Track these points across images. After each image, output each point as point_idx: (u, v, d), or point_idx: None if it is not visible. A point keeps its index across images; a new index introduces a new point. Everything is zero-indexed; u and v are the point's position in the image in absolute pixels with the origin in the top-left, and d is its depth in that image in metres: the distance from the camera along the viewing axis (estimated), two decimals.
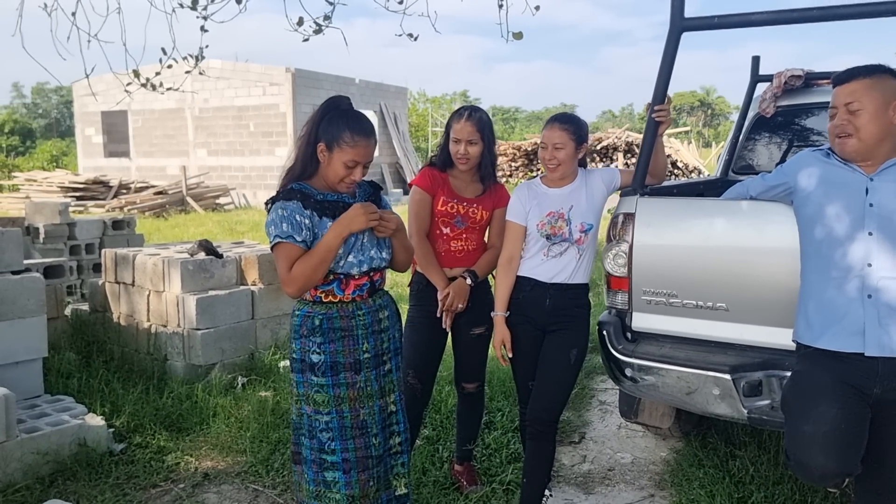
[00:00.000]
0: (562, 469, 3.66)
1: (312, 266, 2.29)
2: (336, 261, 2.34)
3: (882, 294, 2.19)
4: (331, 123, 2.35)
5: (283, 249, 2.30)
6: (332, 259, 2.32)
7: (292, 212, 2.31)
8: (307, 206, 2.33)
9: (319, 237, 2.33)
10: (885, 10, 2.48)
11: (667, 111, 2.92)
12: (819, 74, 4.50)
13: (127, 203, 16.97)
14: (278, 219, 2.30)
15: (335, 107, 2.39)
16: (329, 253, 2.30)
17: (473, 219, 3.09)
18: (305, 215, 2.32)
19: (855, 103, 2.27)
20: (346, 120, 2.35)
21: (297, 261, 2.29)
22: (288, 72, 19.73)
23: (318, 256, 2.29)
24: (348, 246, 2.37)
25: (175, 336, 4.73)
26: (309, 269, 2.28)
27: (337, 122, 2.34)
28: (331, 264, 2.33)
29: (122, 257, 5.13)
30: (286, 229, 2.29)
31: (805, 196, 2.41)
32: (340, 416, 2.39)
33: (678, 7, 2.75)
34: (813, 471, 2.19)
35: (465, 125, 2.99)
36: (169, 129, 21.75)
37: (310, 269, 2.28)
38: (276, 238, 2.31)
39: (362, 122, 2.37)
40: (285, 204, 2.32)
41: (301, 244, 2.30)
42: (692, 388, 2.86)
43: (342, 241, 2.31)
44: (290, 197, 2.34)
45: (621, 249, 2.99)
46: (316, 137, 2.38)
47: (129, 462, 3.62)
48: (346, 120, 2.35)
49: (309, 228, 2.32)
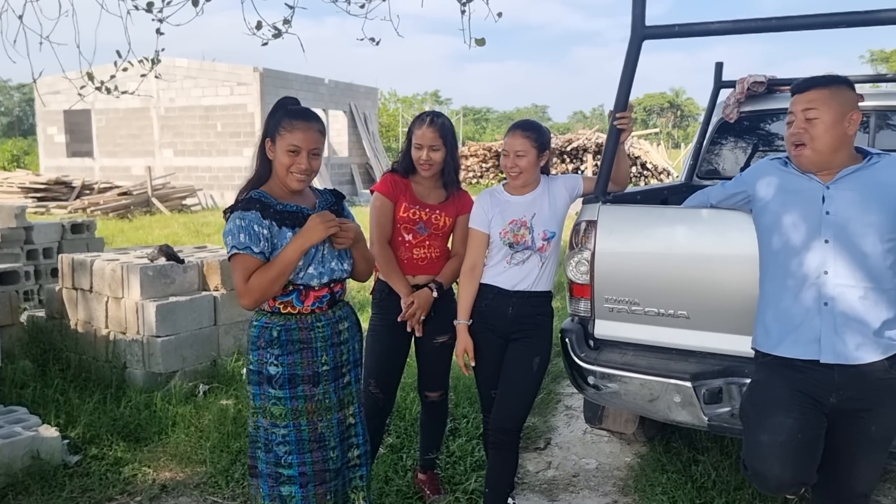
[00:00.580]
0: (526, 476, 3.65)
1: (270, 279, 2.24)
2: (296, 272, 2.30)
3: (838, 302, 2.21)
4: (272, 118, 2.36)
5: (240, 261, 2.26)
6: (291, 272, 2.28)
7: (250, 222, 2.26)
8: (266, 216, 2.29)
9: (279, 248, 2.28)
10: (841, 21, 2.51)
11: (628, 118, 2.91)
12: (781, 81, 4.55)
13: (90, 204, 16.65)
14: (236, 229, 2.26)
15: (278, 107, 2.39)
16: (288, 266, 2.26)
17: (436, 225, 3.06)
18: (264, 225, 2.27)
19: (812, 111, 2.29)
20: (284, 111, 2.37)
21: (255, 273, 2.25)
22: (256, 71, 19.53)
23: (276, 269, 2.25)
24: (308, 257, 2.32)
25: (134, 343, 4.63)
26: (266, 281, 2.24)
27: (276, 115, 2.36)
28: (289, 277, 2.28)
29: (80, 263, 5.00)
30: (243, 240, 2.24)
31: (763, 205, 2.43)
32: (298, 429, 2.35)
33: (639, 15, 2.75)
34: (769, 481, 2.20)
35: (427, 131, 2.96)
36: (134, 128, 21.40)
37: (267, 281, 2.24)
38: (233, 249, 2.26)
39: (301, 110, 2.39)
40: (244, 214, 2.27)
41: (259, 255, 2.25)
42: (654, 395, 2.86)
43: (302, 254, 2.27)
44: (249, 207, 2.29)
45: (583, 257, 2.98)
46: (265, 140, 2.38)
47: (84, 475, 3.53)
48: (285, 110, 2.37)
49: (267, 239, 2.27)
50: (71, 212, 16.30)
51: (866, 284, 2.19)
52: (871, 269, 2.19)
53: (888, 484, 3.51)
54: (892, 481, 3.54)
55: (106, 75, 4.34)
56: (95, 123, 22.00)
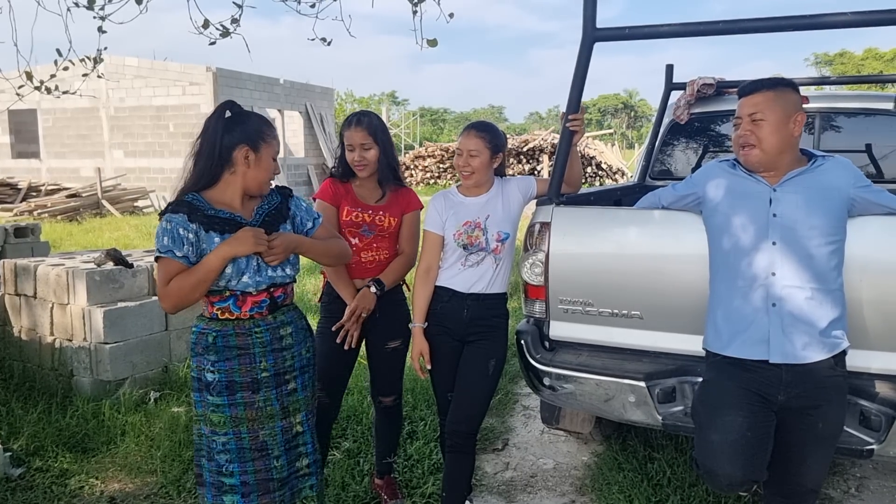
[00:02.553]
0: (484, 477, 3.64)
1: (190, 284, 2.19)
2: (228, 279, 2.25)
3: (785, 303, 2.25)
4: (244, 125, 2.29)
5: (163, 264, 2.22)
6: (213, 279, 2.22)
7: (176, 225, 2.21)
8: (193, 220, 2.22)
9: (207, 252, 2.23)
10: (787, 25, 2.56)
11: (580, 120, 2.93)
12: (730, 83, 4.65)
13: (37, 206, 16.14)
14: (161, 232, 2.22)
15: (234, 112, 2.33)
16: (209, 273, 2.20)
17: (381, 226, 3.02)
18: (190, 229, 2.21)
19: (758, 114, 2.33)
20: (254, 118, 2.34)
21: (176, 277, 2.20)
22: (209, 71, 19.19)
23: (196, 276, 2.19)
24: (240, 266, 2.26)
25: (81, 350, 4.49)
26: (186, 286, 2.19)
27: (249, 122, 2.31)
28: (211, 285, 2.23)
29: (23, 268, 4.84)
30: (167, 243, 2.20)
31: (713, 206, 2.46)
32: (238, 437, 2.30)
33: (590, 18, 2.76)
34: (721, 479, 2.23)
35: (356, 131, 2.93)
36: (82, 128, 20.84)
37: (187, 287, 2.19)
38: (158, 252, 2.23)
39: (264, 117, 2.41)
40: (171, 217, 2.23)
41: (181, 259, 2.20)
42: (609, 395, 2.88)
43: (224, 262, 2.21)
44: (178, 210, 2.24)
45: (538, 258, 2.99)
46: (223, 147, 2.28)
47: (28, 488, 3.41)
48: (255, 118, 2.34)
49: (192, 243, 2.21)
50: (17, 215, 15.79)
51: (812, 285, 2.24)
52: (816, 270, 2.24)
53: (836, 477, 3.60)
54: (840, 474, 3.63)
55: (47, 75, 4.20)
56: (42, 123, 21.35)
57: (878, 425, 2.46)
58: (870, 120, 4.45)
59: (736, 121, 2.43)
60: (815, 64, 53.70)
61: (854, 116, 4.49)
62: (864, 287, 2.48)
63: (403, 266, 3.03)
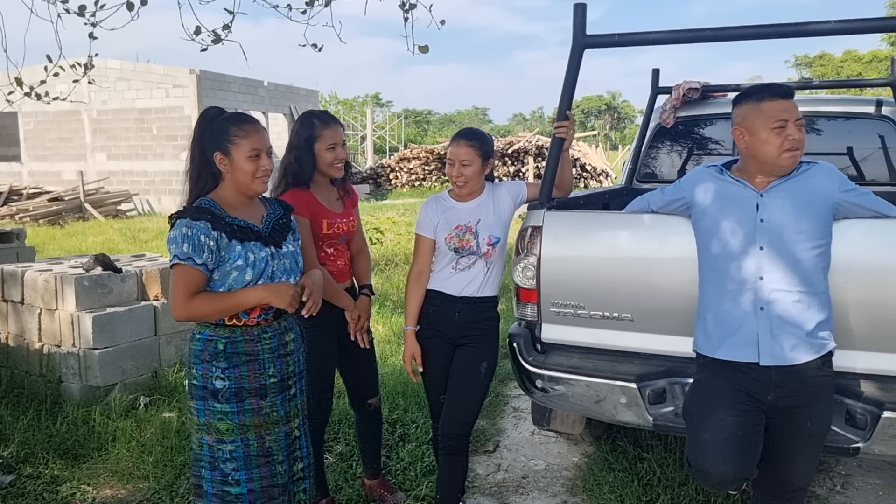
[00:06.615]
0: (476, 479, 3.67)
1: (215, 310, 2.24)
2: (243, 285, 2.26)
3: (773, 306, 2.30)
4: (213, 131, 2.29)
5: (181, 272, 2.19)
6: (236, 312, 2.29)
7: (198, 231, 2.18)
8: (216, 227, 2.22)
9: (227, 260, 2.23)
10: (773, 32, 2.61)
11: (567, 126, 2.96)
12: (715, 87, 4.71)
13: (18, 210, 16.00)
14: (180, 237, 2.18)
15: (210, 119, 2.32)
16: (240, 308, 2.27)
17: (350, 231, 3.07)
18: (212, 237, 2.20)
19: (799, 119, 2.35)
20: (223, 120, 2.31)
21: (203, 296, 2.21)
22: (193, 73, 19.10)
23: (226, 304, 2.24)
24: (256, 273, 2.27)
25: (70, 356, 4.47)
26: (209, 311, 2.23)
27: (218, 127, 2.29)
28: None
29: (10, 274, 4.81)
30: (186, 250, 2.17)
31: (702, 211, 2.50)
32: (246, 444, 2.30)
33: (580, 24, 2.80)
34: (712, 477, 2.27)
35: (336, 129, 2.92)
36: (64, 131, 20.66)
37: (211, 311, 2.23)
38: (175, 258, 2.19)
39: (242, 114, 2.37)
40: (192, 223, 2.19)
41: (201, 267, 2.19)
42: (600, 397, 2.91)
43: (257, 304, 2.28)
44: (200, 216, 2.21)
45: (529, 262, 3.02)
46: (204, 155, 2.30)
47: (19, 495, 3.39)
48: (224, 120, 2.31)
49: (213, 251, 2.20)
50: None
51: (800, 289, 2.29)
52: (803, 274, 2.29)
53: (822, 475, 3.66)
54: (826, 472, 3.69)
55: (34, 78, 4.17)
56: (23, 126, 21.15)
57: (863, 424, 2.51)
58: (851, 123, 4.52)
59: (780, 123, 2.32)
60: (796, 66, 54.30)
61: (834, 119, 4.56)
62: (850, 289, 2.54)
63: (368, 262, 3.12)
